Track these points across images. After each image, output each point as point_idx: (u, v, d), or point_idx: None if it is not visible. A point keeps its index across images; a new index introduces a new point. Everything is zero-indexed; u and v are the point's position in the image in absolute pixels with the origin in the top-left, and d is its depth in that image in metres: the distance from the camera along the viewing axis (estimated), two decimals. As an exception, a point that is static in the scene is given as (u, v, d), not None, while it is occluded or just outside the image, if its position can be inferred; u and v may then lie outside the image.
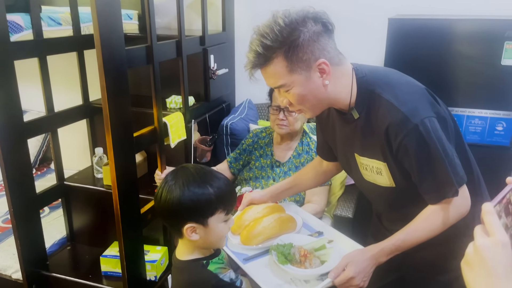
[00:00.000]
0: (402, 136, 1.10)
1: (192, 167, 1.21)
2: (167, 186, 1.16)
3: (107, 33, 1.39)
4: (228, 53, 2.47)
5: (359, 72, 1.19)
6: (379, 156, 1.19)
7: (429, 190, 1.16)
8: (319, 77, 1.13)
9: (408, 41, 1.75)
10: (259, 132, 1.99)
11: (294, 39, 1.07)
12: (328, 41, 1.12)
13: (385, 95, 1.12)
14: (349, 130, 1.24)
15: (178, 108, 2.08)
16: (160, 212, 1.19)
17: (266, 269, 1.30)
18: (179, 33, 1.87)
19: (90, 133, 2.27)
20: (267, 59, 1.11)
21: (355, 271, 1.15)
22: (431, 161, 1.11)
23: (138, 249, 1.71)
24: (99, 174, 2.13)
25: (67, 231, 2.17)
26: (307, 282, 1.23)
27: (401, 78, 1.21)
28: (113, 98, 1.44)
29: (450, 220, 1.16)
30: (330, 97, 1.17)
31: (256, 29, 1.12)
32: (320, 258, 1.28)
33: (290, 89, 1.14)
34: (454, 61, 1.71)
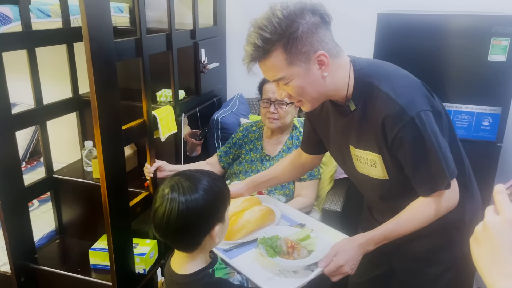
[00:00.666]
0: (398, 128, 1.11)
1: (179, 174, 1.13)
2: (175, 198, 1.05)
3: (95, 25, 1.38)
4: (219, 47, 2.47)
5: (357, 64, 1.19)
6: (374, 148, 1.20)
7: (422, 182, 1.17)
8: (318, 69, 1.13)
9: (397, 36, 1.76)
10: (249, 126, 2.00)
11: (293, 31, 1.07)
12: (326, 32, 1.12)
13: (383, 87, 1.13)
14: (345, 122, 1.25)
15: (168, 101, 2.08)
16: (177, 225, 1.05)
17: (254, 263, 1.30)
18: (169, 26, 1.87)
19: (80, 126, 2.26)
20: (266, 52, 1.10)
21: (344, 259, 1.17)
22: (426, 153, 1.12)
23: (126, 242, 1.71)
24: (89, 167, 2.12)
25: (56, 224, 2.16)
26: (296, 273, 1.24)
27: (398, 71, 1.22)
28: (101, 90, 1.43)
29: (440, 212, 1.18)
30: (329, 89, 1.17)
31: (253, 22, 1.12)
32: (307, 248, 1.29)
33: (290, 82, 1.14)
34: (441, 56, 1.73)
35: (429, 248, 1.31)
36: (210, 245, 1.14)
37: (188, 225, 1.06)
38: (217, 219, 1.10)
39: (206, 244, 1.11)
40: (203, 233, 1.09)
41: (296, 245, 1.28)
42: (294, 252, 1.26)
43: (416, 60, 1.74)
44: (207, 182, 1.09)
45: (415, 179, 1.18)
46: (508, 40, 1.62)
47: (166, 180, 1.11)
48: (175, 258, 1.18)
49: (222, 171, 2.02)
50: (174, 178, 1.10)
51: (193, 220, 1.06)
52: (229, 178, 1.97)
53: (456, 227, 1.28)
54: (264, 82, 1.87)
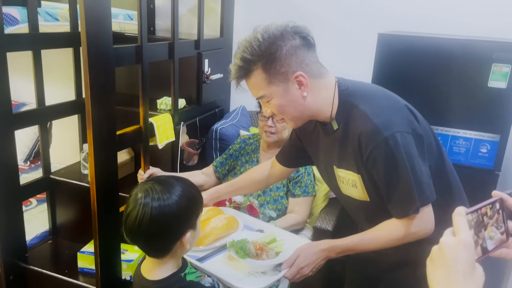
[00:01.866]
0: (371, 147, 1.11)
1: (152, 179, 1.15)
2: (148, 203, 1.05)
3: (94, 30, 1.40)
4: (224, 59, 2.48)
5: (342, 85, 1.22)
6: (353, 167, 1.20)
7: (393, 204, 1.16)
8: (297, 89, 1.16)
9: (397, 57, 1.75)
10: (247, 138, 2.00)
11: (271, 52, 1.12)
12: (307, 54, 1.16)
13: (361, 106, 1.15)
14: (329, 141, 1.27)
15: (168, 109, 2.09)
16: (149, 230, 1.05)
17: (224, 265, 1.35)
18: (172, 36, 1.89)
19: (81, 129, 2.29)
20: (248, 71, 1.17)
21: (305, 262, 1.24)
22: (397, 175, 1.11)
23: (114, 247, 1.70)
24: (85, 170, 2.14)
25: (50, 225, 2.17)
26: (264, 273, 1.30)
27: (382, 92, 1.24)
28: (97, 95, 1.45)
29: (408, 237, 1.16)
30: (311, 109, 1.20)
31: (239, 43, 1.19)
32: (274, 250, 1.36)
33: (270, 100, 1.19)
34: (441, 80, 1.70)
35: (417, 277, 1.27)
36: (181, 252, 1.14)
37: (159, 230, 1.06)
38: (189, 226, 1.10)
39: (177, 250, 1.11)
40: (175, 239, 1.09)
41: (264, 247, 1.34)
42: (263, 254, 1.32)
43: (415, 82, 1.73)
44: (180, 188, 1.10)
45: (387, 200, 1.17)
46: (509, 67, 1.58)
47: (140, 184, 1.12)
48: (145, 264, 1.17)
49: (217, 181, 2.02)
50: (148, 183, 1.11)
51: (165, 226, 1.06)
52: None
53: None
54: (262, 95, 1.86)
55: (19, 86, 1.66)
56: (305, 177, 1.84)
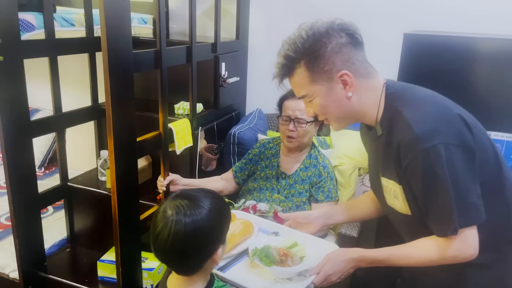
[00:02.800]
0: (409, 158, 1.05)
1: (179, 195, 1.08)
2: (180, 220, 0.99)
3: (115, 36, 1.37)
4: (240, 62, 2.44)
5: (390, 88, 1.15)
6: (395, 177, 1.14)
7: (431, 221, 1.10)
8: (341, 89, 1.13)
9: (423, 57, 1.69)
10: (266, 142, 1.95)
11: (315, 50, 1.10)
12: (353, 52, 1.11)
13: (405, 112, 1.08)
14: (374, 146, 1.23)
15: (185, 114, 2.06)
16: (183, 249, 0.99)
17: (248, 274, 1.32)
18: (190, 39, 1.86)
19: (97, 135, 2.26)
20: (291, 69, 1.15)
21: (333, 269, 1.21)
22: (436, 191, 1.04)
23: (135, 255, 1.67)
24: (103, 177, 2.11)
25: (68, 232, 2.15)
26: (290, 279, 1.27)
27: (432, 98, 1.14)
28: (117, 101, 1.42)
29: (443, 260, 1.09)
30: (355, 110, 1.16)
31: (283, 41, 1.16)
32: (297, 254, 1.32)
33: (313, 99, 1.16)
34: (469, 80, 1.64)
35: None
36: (211, 267, 1.10)
37: (193, 248, 1.01)
38: (221, 241, 1.07)
39: (208, 266, 1.07)
40: (207, 256, 1.04)
41: (288, 252, 1.32)
42: (288, 260, 1.29)
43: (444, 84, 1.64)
44: (210, 202, 1.05)
45: (425, 215, 1.10)
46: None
47: (166, 201, 1.05)
48: (172, 281, 1.11)
49: (237, 187, 1.98)
50: (176, 200, 1.04)
51: (199, 242, 1.01)
52: (243, 195, 1.92)
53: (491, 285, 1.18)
54: (284, 98, 1.82)
55: (32, 91, 1.63)
56: (327, 181, 1.80)
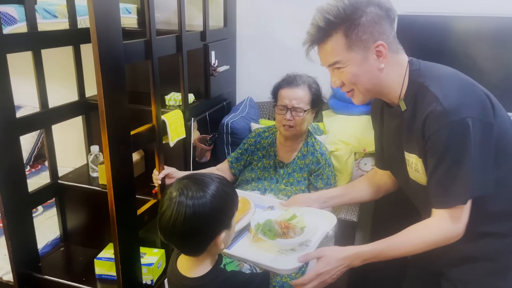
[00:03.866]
0: (435, 129, 1.07)
1: (187, 177, 1.12)
2: (182, 202, 1.03)
3: (104, 27, 1.32)
4: (229, 50, 2.40)
5: (414, 65, 1.18)
6: (416, 150, 1.16)
7: (439, 192, 1.11)
8: (375, 59, 1.14)
9: (418, 38, 1.68)
10: (261, 131, 1.92)
11: (356, 17, 1.10)
12: (388, 27, 1.14)
13: (432, 88, 1.10)
14: (396, 124, 1.23)
15: (177, 105, 2.02)
16: (183, 230, 1.03)
17: (253, 248, 1.34)
18: (179, 28, 1.80)
19: (86, 131, 2.20)
20: (327, 34, 1.13)
21: (325, 268, 1.16)
22: (456, 162, 1.06)
23: (134, 251, 1.64)
24: (95, 173, 2.06)
25: (61, 231, 2.10)
26: (293, 250, 1.31)
27: (456, 75, 1.17)
28: (109, 94, 1.37)
29: (435, 242, 1.13)
30: (383, 84, 1.17)
31: (320, 7, 1.15)
32: (298, 225, 1.37)
33: (345, 67, 1.15)
34: (465, 60, 1.65)
35: (482, 273, 1.22)
36: (215, 251, 1.11)
37: (193, 230, 1.04)
38: (223, 226, 1.08)
39: (212, 249, 1.09)
40: (209, 239, 1.07)
41: (289, 224, 1.36)
42: (290, 231, 1.33)
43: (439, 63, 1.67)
44: (215, 187, 1.07)
45: (435, 186, 1.12)
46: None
47: (175, 183, 1.10)
48: (181, 262, 1.16)
49: (233, 178, 1.95)
50: (183, 181, 1.09)
51: (199, 225, 1.04)
52: (240, 185, 1.89)
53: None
54: (279, 87, 1.79)
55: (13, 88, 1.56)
56: (326, 169, 1.79)
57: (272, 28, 2.43)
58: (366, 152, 2.02)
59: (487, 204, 1.15)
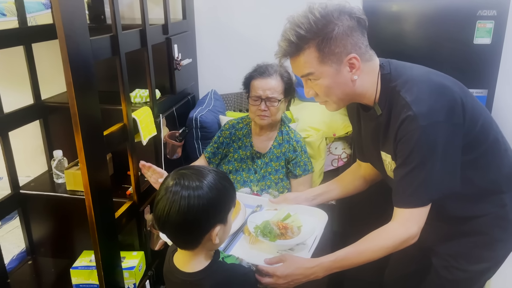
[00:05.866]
0: (406, 132, 1.10)
1: (185, 167, 1.10)
2: (178, 192, 1.00)
3: (70, 22, 1.23)
4: (190, 43, 2.35)
5: (385, 69, 1.19)
6: (391, 152, 1.20)
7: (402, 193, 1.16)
8: (348, 71, 1.14)
9: (383, 23, 1.74)
10: (235, 123, 1.90)
11: (328, 31, 1.10)
12: (360, 37, 1.14)
13: (403, 93, 1.13)
14: (373, 126, 1.26)
15: (144, 102, 1.95)
16: (177, 220, 1.01)
17: (252, 250, 1.33)
18: (143, 22, 1.73)
19: (45, 135, 2.07)
20: (299, 48, 1.13)
21: (284, 273, 1.16)
22: (422, 164, 1.11)
23: (115, 257, 1.57)
24: (60, 179, 1.95)
25: (27, 244, 1.97)
26: (292, 249, 1.32)
27: (426, 77, 1.18)
28: (80, 94, 1.29)
29: (392, 248, 1.16)
30: (356, 92, 1.19)
31: (290, 18, 1.13)
32: (294, 224, 1.37)
33: (318, 80, 1.16)
34: (429, 41, 1.73)
35: (471, 246, 1.29)
36: (210, 245, 1.09)
37: (187, 221, 1.01)
38: (218, 220, 1.05)
39: (206, 243, 1.07)
40: (203, 232, 1.04)
41: (287, 225, 1.36)
42: (288, 231, 1.33)
43: (404, 46, 1.75)
44: (212, 179, 1.04)
45: (396, 185, 1.17)
46: (492, 23, 1.64)
47: (173, 172, 1.07)
48: (178, 257, 1.13)
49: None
50: (181, 171, 1.06)
51: (193, 217, 1.01)
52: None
53: (500, 225, 1.27)
54: (251, 78, 1.78)
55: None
56: (302, 155, 1.81)
57: (230, 19, 2.41)
58: (336, 136, 2.07)
59: (466, 188, 1.20)
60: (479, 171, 1.21)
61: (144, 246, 1.86)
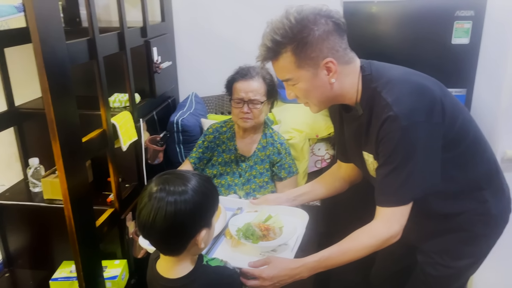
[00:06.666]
0: (387, 132, 1.12)
1: (167, 172, 1.07)
2: (163, 198, 0.98)
3: (45, 25, 1.19)
4: (169, 45, 2.31)
5: (366, 70, 1.20)
6: (373, 151, 1.21)
7: (384, 191, 1.17)
8: (325, 75, 1.15)
9: (364, 24, 1.75)
10: (218, 127, 1.88)
11: (303, 36, 1.10)
12: (338, 40, 1.14)
13: (384, 94, 1.14)
14: (355, 126, 1.27)
15: (123, 107, 1.90)
16: (163, 227, 0.98)
17: (234, 253, 1.33)
18: (120, 24, 1.69)
19: (20, 143, 2.00)
20: (276, 53, 1.15)
21: (269, 275, 1.17)
22: (403, 163, 1.12)
23: (96, 266, 1.53)
24: (36, 188, 1.88)
25: (3, 255, 1.90)
26: (274, 251, 1.33)
27: (406, 77, 1.19)
28: (57, 100, 1.25)
29: (375, 247, 1.17)
30: (336, 94, 1.20)
31: (269, 23, 1.15)
32: (276, 225, 1.37)
33: (297, 84, 1.18)
34: (408, 42, 1.75)
35: (455, 242, 1.31)
36: (195, 250, 1.07)
37: (174, 227, 0.99)
38: (204, 224, 1.04)
39: (192, 248, 1.05)
40: (189, 237, 1.03)
41: (268, 226, 1.36)
42: (270, 233, 1.34)
43: (384, 47, 1.76)
44: (197, 182, 1.03)
45: (379, 185, 1.18)
46: (470, 23, 1.67)
47: (155, 177, 1.05)
48: (161, 264, 1.11)
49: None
50: (163, 176, 1.04)
51: (180, 222, 0.99)
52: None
53: (483, 221, 1.29)
54: (233, 80, 1.76)
55: None
56: (287, 158, 1.80)
57: (210, 21, 2.38)
58: (318, 137, 2.07)
59: (448, 186, 1.22)
60: (459, 169, 1.23)
61: (126, 254, 1.82)
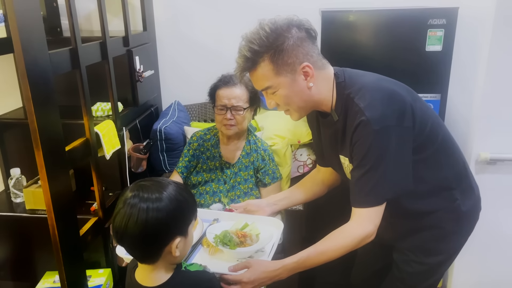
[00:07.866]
0: (360, 136, 1.17)
1: (145, 179, 1.08)
2: (136, 204, 0.99)
3: (27, 35, 1.20)
4: (151, 54, 2.33)
5: (340, 77, 1.26)
6: (348, 155, 1.26)
7: (358, 193, 1.22)
8: (303, 80, 1.20)
9: (341, 32, 1.81)
10: (202, 134, 1.89)
11: (279, 44, 1.16)
12: (311, 46, 1.21)
13: (356, 99, 1.19)
14: (331, 132, 1.31)
15: (106, 115, 1.91)
16: (135, 233, 0.99)
17: (212, 260, 1.34)
18: (102, 34, 1.70)
19: (1, 153, 1.98)
20: (255, 62, 1.19)
21: (249, 278, 1.19)
22: (375, 165, 1.17)
23: (80, 276, 1.52)
24: (18, 199, 1.87)
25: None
26: (251, 257, 1.34)
27: (378, 83, 1.25)
28: (40, 110, 1.25)
29: (351, 246, 1.21)
30: (315, 99, 1.25)
31: (244, 36, 1.20)
32: (253, 233, 1.40)
33: (277, 91, 1.22)
34: (384, 49, 1.81)
35: (428, 240, 1.36)
36: (170, 259, 1.07)
37: (146, 234, 1.00)
38: (178, 232, 1.04)
39: (166, 256, 1.05)
40: (162, 245, 1.03)
41: (245, 233, 1.39)
42: (247, 239, 1.36)
43: (360, 55, 1.82)
44: (173, 190, 1.04)
45: (353, 186, 1.23)
46: (442, 31, 1.74)
47: (132, 184, 1.06)
48: (140, 273, 1.11)
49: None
50: (140, 183, 1.05)
51: (152, 229, 1.00)
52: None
53: (453, 218, 1.35)
54: (216, 88, 1.78)
55: None
56: (270, 164, 1.83)
57: (191, 29, 2.41)
58: (300, 143, 2.11)
59: (419, 186, 1.27)
60: (430, 170, 1.29)
61: (110, 263, 1.81)
